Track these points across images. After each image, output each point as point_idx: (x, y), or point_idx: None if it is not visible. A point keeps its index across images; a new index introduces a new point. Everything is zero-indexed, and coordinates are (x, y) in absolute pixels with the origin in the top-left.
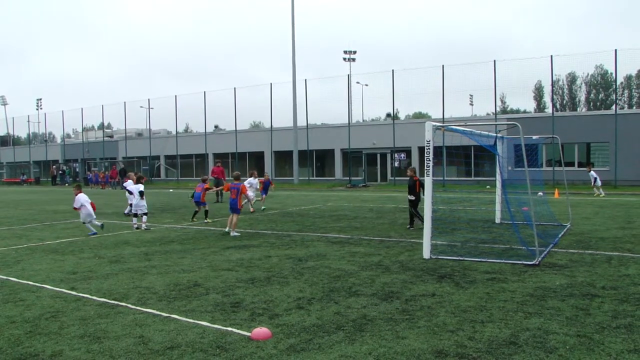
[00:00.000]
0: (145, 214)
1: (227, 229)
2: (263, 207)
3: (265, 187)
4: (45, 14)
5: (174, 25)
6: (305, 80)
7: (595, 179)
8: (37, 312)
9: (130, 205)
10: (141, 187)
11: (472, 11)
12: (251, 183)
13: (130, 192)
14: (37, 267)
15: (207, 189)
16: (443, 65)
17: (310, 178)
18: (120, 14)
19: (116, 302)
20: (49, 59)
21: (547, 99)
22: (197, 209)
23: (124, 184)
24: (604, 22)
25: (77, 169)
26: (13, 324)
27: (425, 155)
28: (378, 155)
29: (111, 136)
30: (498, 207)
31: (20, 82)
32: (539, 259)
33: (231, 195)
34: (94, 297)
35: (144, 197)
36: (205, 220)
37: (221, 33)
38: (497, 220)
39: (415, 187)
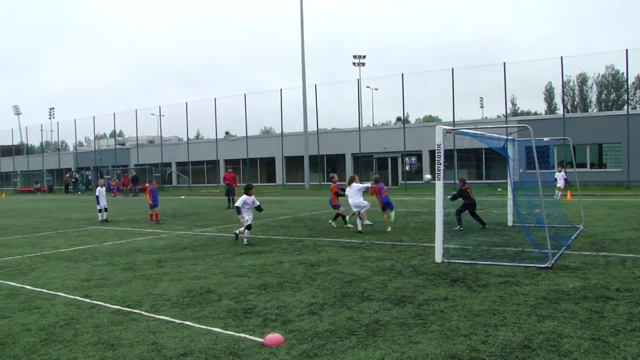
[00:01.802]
0: (247, 227)
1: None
2: (370, 223)
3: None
4: (55, 23)
5: (182, 33)
6: (315, 85)
7: (565, 180)
8: (52, 320)
9: (100, 211)
10: (255, 200)
11: (477, 14)
12: (361, 188)
13: (98, 202)
14: (52, 274)
15: (335, 192)
16: (452, 69)
17: (322, 183)
18: (128, 22)
19: (130, 309)
20: (60, 68)
21: (558, 100)
22: (338, 212)
23: (97, 192)
24: (606, 23)
25: (90, 177)
26: (28, 332)
27: (436, 158)
28: (389, 160)
29: (123, 144)
30: (510, 209)
31: (33, 92)
32: (552, 261)
33: (383, 193)
34: (108, 305)
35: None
36: (346, 226)
37: (229, 40)
38: (509, 223)
39: (470, 195)
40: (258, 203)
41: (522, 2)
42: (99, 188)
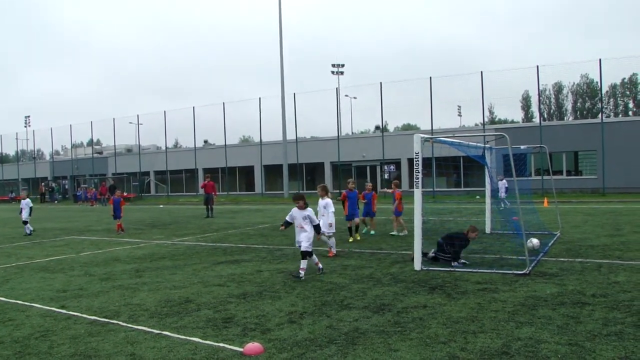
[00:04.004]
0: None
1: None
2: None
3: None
4: (29, 31)
5: (160, 42)
6: (294, 94)
7: (506, 188)
8: (27, 332)
9: (25, 223)
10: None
11: (453, 25)
12: (326, 205)
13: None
14: (27, 285)
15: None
16: (430, 77)
17: (301, 192)
18: (105, 32)
19: (107, 320)
20: (36, 76)
21: (534, 108)
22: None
23: (21, 204)
24: (579, 33)
25: (67, 186)
26: (2, 345)
27: (415, 166)
28: (368, 168)
29: (100, 152)
30: (488, 217)
31: (8, 100)
32: (530, 268)
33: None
34: (85, 315)
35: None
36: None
37: (207, 50)
38: (487, 230)
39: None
40: (316, 220)
41: (496, 13)
42: (24, 200)
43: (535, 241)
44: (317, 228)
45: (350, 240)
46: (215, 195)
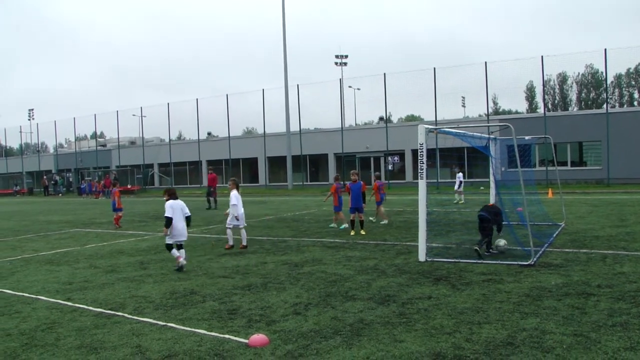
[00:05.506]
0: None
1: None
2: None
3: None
4: (35, 26)
5: (162, 34)
6: (298, 85)
7: (461, 183)
8: (33, 324)
9: None
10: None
11: (456, 16)
12: (231, 198)
13: None
14: (32, 278)
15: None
16: (435, 68)
17: (305, 183)
18: (108, 26)
19: (112, 312)
20: (40, 70)
21: (538, 99)
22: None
23: None
24: (585, 23)
25: (71, 179)
26: (9, 337)
27: (419, 158)
28: (371, 159)
29: (104, 145)
30: None
31: (12, 93)
32: (534, 259)
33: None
34: (90, 308)
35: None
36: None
37: (211, 42)
38: None
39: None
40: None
41: (499, 3)
42: None
43: (502, 242)
44: (166, 220)
45: (352, 233)
46: (214, 188)
